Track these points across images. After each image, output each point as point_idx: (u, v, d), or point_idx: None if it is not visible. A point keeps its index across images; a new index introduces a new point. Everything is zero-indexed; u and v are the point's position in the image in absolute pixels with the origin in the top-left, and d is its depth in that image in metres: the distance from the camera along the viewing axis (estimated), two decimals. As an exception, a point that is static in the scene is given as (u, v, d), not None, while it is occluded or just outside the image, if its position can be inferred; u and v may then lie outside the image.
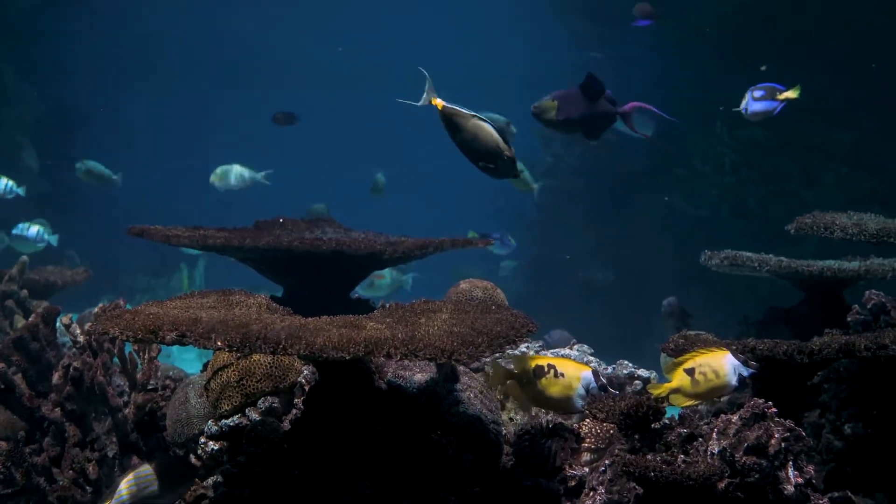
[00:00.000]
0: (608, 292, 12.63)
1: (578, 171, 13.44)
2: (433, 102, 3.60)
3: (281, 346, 2.72)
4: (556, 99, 4.85)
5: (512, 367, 3.41)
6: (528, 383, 3.37)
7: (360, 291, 8.04)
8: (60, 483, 4.08)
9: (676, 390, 3.33)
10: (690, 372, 3.31)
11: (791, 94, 5.29)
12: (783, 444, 2.98)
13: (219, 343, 2.74)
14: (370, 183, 10.56)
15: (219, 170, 9.50)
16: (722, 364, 3.30)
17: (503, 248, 10.37)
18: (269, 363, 3.71)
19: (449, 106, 3.61)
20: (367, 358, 2.90)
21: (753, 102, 5.39)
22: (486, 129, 3.65)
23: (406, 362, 3.60)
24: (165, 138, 24.83)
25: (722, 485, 2.95)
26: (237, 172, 9.46)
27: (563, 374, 3.32)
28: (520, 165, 4.99)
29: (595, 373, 3.30)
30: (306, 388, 3.68)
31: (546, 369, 3.34)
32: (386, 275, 8.64)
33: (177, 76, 24.34)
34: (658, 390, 3.34)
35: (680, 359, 3.39)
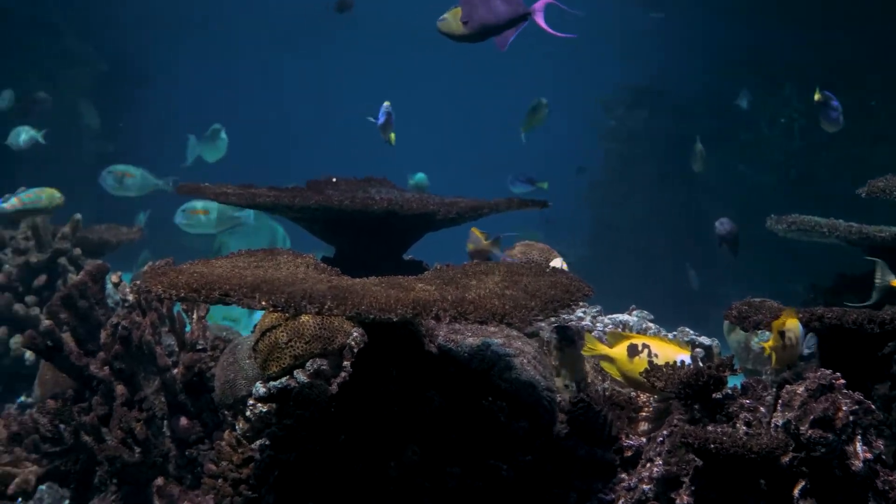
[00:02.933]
0: (668, 257, 12.44)
1: (640, 134, 13.24)
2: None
3: (326, 307, 2.62)
4: (462, 5, 4.52)
5: (606, 341, 3.28)
6: (619, 361, 3.23)
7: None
8: (108, 442, 4.04)
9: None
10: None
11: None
12: (851, 417, 2.83)
13: (263, 303, 2.65)
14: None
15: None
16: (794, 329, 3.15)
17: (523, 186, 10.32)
18: (318, 324, 3.63)
19: None
20: (416, 320, 2.80)
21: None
22: None
23: (457, 326, 3.49)
24: (229, 99, 24.85)
25: (786, 459, 2.81)
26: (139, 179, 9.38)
27: (657, 355, 3.17)
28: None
29: (694, 359, 3.13)
30: (356, 350, 3.59)
31: (640, 349, 3.19)
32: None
33: (239, 35, 24.35)
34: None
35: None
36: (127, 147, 17.15)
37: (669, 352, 3.15)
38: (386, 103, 5.77)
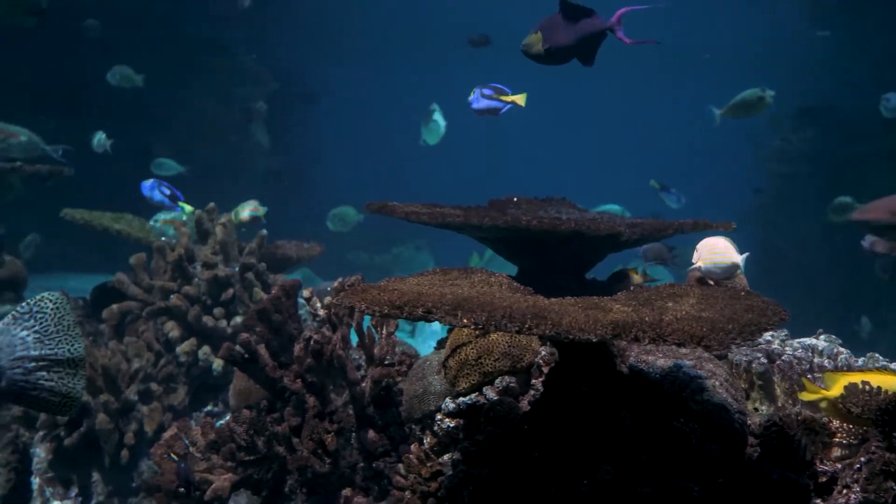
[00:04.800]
0: (833, 281, 12.13)
1: (806, 154, 12.95)
2: None
3: (526, 326, 2.68)
4: (540, 29, 4.55)
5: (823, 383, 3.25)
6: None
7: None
8: (300, 453, 4.19)
9: None
10: None
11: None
12: None
13: (465, 320, 2.73)
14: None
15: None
16: None
17: (677, 202, 10.31)
18: (508, 342, 3.70)
19: None
20: (614, 341, 2.83)
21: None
22: None
23: (649, 347, 3.51)
24: (390, 115, 25.28)
25: None
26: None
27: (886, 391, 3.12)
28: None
29: None
30: (544, 368, 3.64)
31: (862, 386, 3.16)
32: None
33: (395, 54, 24.76)
34: None
35: None
36: (293, 164, 17.64)
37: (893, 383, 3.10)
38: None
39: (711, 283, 4.15)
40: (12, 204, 10.37)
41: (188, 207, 8.63)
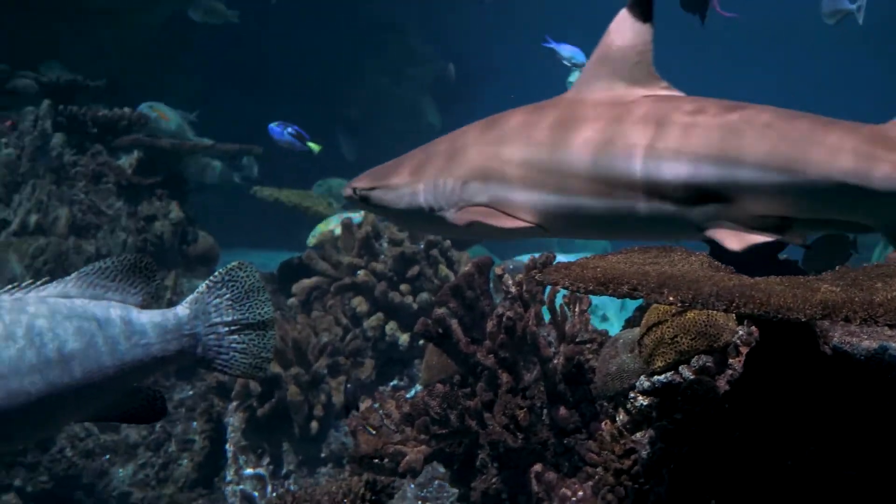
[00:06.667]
0: None
1: None
2: None
3: (734, 305, 2.66)
4: None
5: None
6: None
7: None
8: (492, 427, 4.26)
9: None
10: None
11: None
12: None
13: (671, 298, 2.73)
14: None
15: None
16: None
17: None
18: (704, 321, 3.67)
19: None
20: (824, 322, 2.79)
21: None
22: None
23: (852, 328, 3.43)
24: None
25: None
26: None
27: None
28: None
29: None
30: (741, 349, 3.61)
31: None
32: None
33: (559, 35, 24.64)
34: None
35: None
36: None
37: None
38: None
39: None
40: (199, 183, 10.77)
41: (315, 146, 8.85)
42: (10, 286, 3.54)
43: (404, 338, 6.48)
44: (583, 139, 3.07)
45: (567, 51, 9.83)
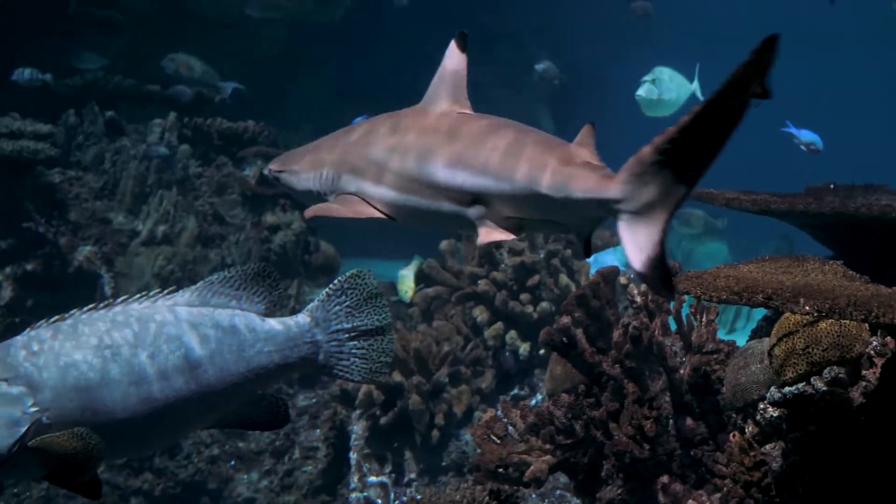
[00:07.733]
0: None
1: None
2: None
3: (873, 315, 2.62)
4: None
5: None
6: None
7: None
8: (617, 437, 4.23)
9: None
10: None
11: None
12: None
13: (807, 308, 2.70)
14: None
15: None
16: None
17: None
18: (837, 332, 3.60)
19: None
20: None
21: None
22: None
23: None
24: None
25: None
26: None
27: None
28: None
29: None
30: (875, 360, 3.53)
31: None
32: None
33: (675, 43, 24.42)
34: None
35: None
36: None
37: None
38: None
39: None
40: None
41: None
42: (138, 295, 3.66)
43: (525, 347, 6.50)
44: (411, 144, 3.43)
45: (806, 136, 9.91)
